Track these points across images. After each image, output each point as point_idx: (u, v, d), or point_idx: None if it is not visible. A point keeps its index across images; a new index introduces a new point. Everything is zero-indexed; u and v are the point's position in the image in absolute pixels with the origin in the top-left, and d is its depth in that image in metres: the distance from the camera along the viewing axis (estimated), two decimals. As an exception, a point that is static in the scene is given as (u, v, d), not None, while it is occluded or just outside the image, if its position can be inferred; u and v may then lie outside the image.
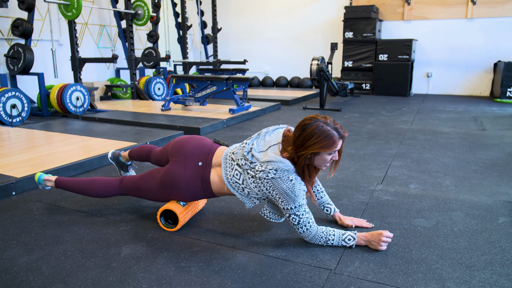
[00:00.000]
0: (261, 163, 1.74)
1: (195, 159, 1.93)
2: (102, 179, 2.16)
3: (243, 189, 1.82)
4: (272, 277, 1.55)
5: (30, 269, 1.61)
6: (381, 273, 1.58)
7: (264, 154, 1.76)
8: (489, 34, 7.73)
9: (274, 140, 1.81)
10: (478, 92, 8.07)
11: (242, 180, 1.81)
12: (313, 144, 1.67)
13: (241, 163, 1.81)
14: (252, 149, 1.80)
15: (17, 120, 4.83)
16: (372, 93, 8.22)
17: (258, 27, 9.84)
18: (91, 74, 7.20)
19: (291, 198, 1.71)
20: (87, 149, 3.31)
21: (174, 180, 1.91)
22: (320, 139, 1.66)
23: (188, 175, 1.90)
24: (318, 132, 1.66)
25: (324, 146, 1.67)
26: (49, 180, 2.22)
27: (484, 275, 1.55)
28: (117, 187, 2.11)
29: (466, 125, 4.72)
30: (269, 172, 1.71)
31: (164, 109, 5.46)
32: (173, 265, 1.64)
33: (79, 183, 2.16)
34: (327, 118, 1.72)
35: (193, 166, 1.92)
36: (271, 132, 1.88)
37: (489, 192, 2.49)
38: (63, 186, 2.20)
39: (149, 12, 7.02)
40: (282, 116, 5.51)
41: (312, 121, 1.70)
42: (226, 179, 1.85)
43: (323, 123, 1.69)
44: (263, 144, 1.82)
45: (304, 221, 1.74)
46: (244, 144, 1.88)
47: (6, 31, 5.71)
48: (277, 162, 1.71)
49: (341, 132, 1.71)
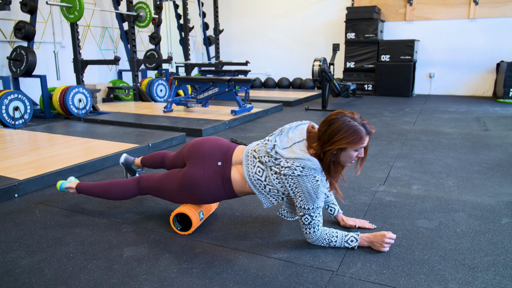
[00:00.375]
0: (287, 159, 1.71)
1: (214, 159, 1.90)
2: (119, 181, 2.15)
3: (265, 186, 1.80)
4: (274, 279, 1.55)
5: (32, 271, 1.61)
6: (384, 274, 1.57)
7: (289, 151, 1.73)
8: (491, 34, 7.71)
9: (298, 137, 1.78)
10: (481, 92, 8.04)
11: (265, 177, 1.78)
12: (339, 139, 1.64)
13: (264, 160, 1.78)
14: (275, 145, 1.77)
15: (20, 123, 4.85)
16: (374, 94, 8.21)
17: (260, 29, 9.84)
18: (93, 76, 7.22)
19: (312, 199, 1.70)
20: (89, 151, 3.31)
21: (194, 182, 1.88)
22: (347, 135, 1.64)
23: (208, 175, 1.87)
24: (345, 127, 1.64)
25: (351, 142, 1.64)
26: (70, 187, 2.25)
27: (487, 276, 1.54)
28: (135, 188, 2.09)
29: (469, 126, 4.71)
30: (296, 169, 1.68)
31: (166, 110, 5.47)
32: (175, 267, 1.64)
33: (98, 187, 2.16)
34: (354, 114, 1.69)
35: (212, 166, 1.89)
36: (294, 128, 1.84)
37: (492, 192, 2.48)
38: (83, 191, 2.21)
39: (151, 14, 7.03)
40: (284, 117, 5.51)
41: (339, 116, 1.67)
42: (248, 176, 1.83)
43: (350, 118, 1.66)
44: (286, 140, 1.79)
45: (315, 223, 1.74)
46: (266, 141, 1.85)
47: (9, 33, 5.73)
48: (304, 160, 1.68)
49: (368, 128, 1.69)
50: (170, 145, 3.83)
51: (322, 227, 1.77)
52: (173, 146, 3.83)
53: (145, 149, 3.53)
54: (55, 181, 2.73)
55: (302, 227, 1.77)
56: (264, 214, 2.18)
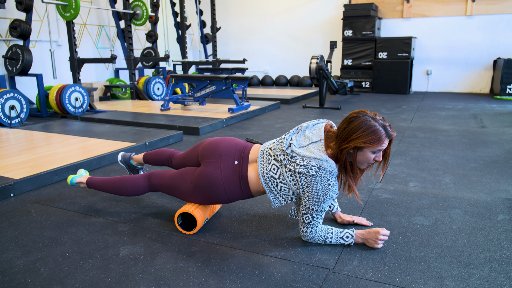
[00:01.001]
0: (303, 158, 1.69)
1: (231, 158, 1.88)
2: (128, 177, 2.12)
3: (277, 184, 1.77)
4: (270, 277, 1.55)
5: (27, 271, 1.61)
6: (380, 271, 1.57)
7: (306, 150, 1.71)
8: (488, 31, 7.71)
9: (316, 136, 1.75)
10: (478, 89, 8.06)
11: (279, 174, 1.76)
12: (357, 137, 1.62)
13: (279, 158, 1.76)
14: (291, 144, 1.75)
15: (16, 122, 4.83)
16: (372, 91, 8.21)
17: (257, 26, 9.83)
18: (90, 74, 7.19)
19: (319, 201, 1.68)
20: (86, 150, 3.30)
21: (210, 181, 1.85)
22: (366, 133, 1.61)
23: (224, 175, 1.85)
24: (364, 126, 1.62)
25: (368, 141, 1.61)
26: (81, 182, 2.23)
27: (483, 273, 1.55)
28: (146, 185, 2.06)
29: (466, 123, 4.71)
30: (311, 169, 1.66)
31: (163, 109, 5.45)
32: (171, 265, 1.64)
33: (109, 183, 2.14)
34: (376, 114, 1.67)
35: (229, 166, 1.86)
36: (311, 127, 1.81)
37: (488, 189, 2.48)
38: (94, 187, 2.19)
39: (147, 12, 7.01)
40: (282, 115, 5.51)
41: (360, 114, 1.65)
42: (262, 173, 1.80)
43: (371, 118, 1.64)
44: (303, 139, 1.77)
45: (314, 224, 1.74)
46: (281, 139, 1.83)
47: (4, 32, 5.70)
48: (322, 161, 1.66)
49: (389, 131, 1.65)
50: (167, 144, 3.82)
51: (320, 226, 1.76)
52: (171, 145, 3.82)
53: (142, 147, 3.52)
54: (51, 180, 2.72)
55: (301, 224, 1.77)
56: (261, 212, 2.17)
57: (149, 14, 7.11)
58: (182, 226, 1.95)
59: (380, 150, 1.67)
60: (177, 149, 3.60)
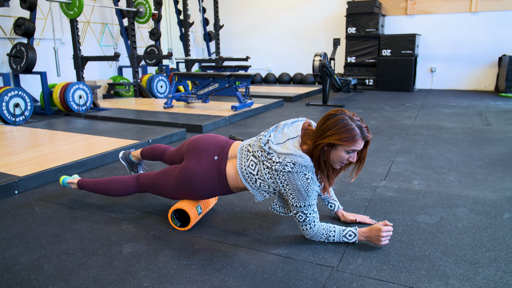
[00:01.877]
0: (279, 155, 1.70)
1: (211, 153, 1.91)
2: (119, 178, 2.16)
3: (256, 180, 1.80)
4: (273, 275, 1.54)
5: (31, 267, 1.61)
6: (384, 270, 1.56)
7: (282, 146, 1.73)
8: (493, 28, 7.65)
9: (293, 133, 1.77)
10: (483, 86, 8.00)
11: (257, 171, 1.78)
12: (332, 134, 1.63)
13: (257, 155, 1.78)
14: (269, 141, 1.76)
15: (20, 119, 4.84)
16: (376, 89, 8.18)
17: (260, 24, 9.80)
18: (94, 72, 7.20)
19: (303, 197, 1.68)
20: (89, 147, 3.31)
21: (190, 176, 1.89)
22: (341, 131, 1.62)
23: (203, 169, 1.88)
24: (340, 124, 1.62)
25: (342, 139, 1.61)
26: (72, 183, 2.28)
27: (489, 272, 1.53)
28: (134, 186, 2.10)
29: (471, 120, 4.68)
30: (286, 165, 1.67)
31: (166, 106, 5.45)
32: (174, 263, 1.64)
33: (99, 183, 2.18)
34: (354, 115, 1.67)
35: (208, 161, 1.89)
36: (289, 125, 1.84)
37: (493, 187, 2.46)
38: (85, 187, 2.23)
39: (150, 10, 7.00)
40: (285, 113, 5.49)
41: (338, 113, 1.66)
42: (240, 169, 1.83)
43: (348, 118, 1.64)
44: (281, 136, 1.79)
45: (310, 220, 1.73)
46: (260, 136, 1.85)
47: (9, 30, 5.71)
48: (296, 156, 1.67)
49: (365, 133, 1.65)
50: (170, 141, 3.82)
51: (319, 223, 1.76)
52: (173, 142, 3.82)
53: (145, 145, 3.52)
54: (55, 178, 2.72)
55: (298, 224, 1.77)
56: (264, 210, 2.17)
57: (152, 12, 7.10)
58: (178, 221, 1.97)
59: (354, 151, 1.66)
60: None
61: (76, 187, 2.27)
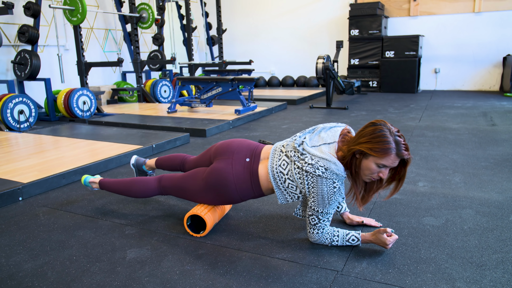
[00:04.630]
0: (312, 156, 1.67)
1: (242, 155, 1.89)
2: (140, 179, 2.13)
3: (285, 180, 1.76)
4: (278, 280, 1.53)
5: (35, 274, 1.61)
6: (389, 273, 1.55)
7: (318, 149, 1.70)
8: (497, 28, 7.61)
9: (330, 138, 1.74)
10: (488, 87, 7.96)
11: (288, 170, 1.75)
12: (365, 142, 1.58)
13: (290, 155, 1.75)
14: (304, 142, 1.74)
15: (25, 126, 4.87)
16: (379, 91, 8.15)
17: (263, 27, 9.82)
18: (98, 78, 7.24)
19: (324, 203, 1.67)
20: (93, 153, 3.32)
21: (221, 177, 1.85)
22: (374, 141, 1.56)
23: (235, 171, 1.85)
24: (376, 133, 1.57)
25: (373, 149, 1.56)
26: (94, 182, 2.27)
27: (496, 274, 1.51)
28: (156, 187, 2.07)
29: (476, 121, 4.65)
30: (318, 169, 1.64)
31: (170, 111, 5.46)
32: (178, 268, 1.63)
33: (120, 184, 2.16)
34: (398, 131, 1.60)
35: (240, 162, 1.87)
36: (327, 129, 1.80)
37: (499, 188, 2.43)
38: (106, 187, 2.22)
39: (153, 15, 7.03)
40: (289, 116, 5.48)
41: (378, 123, 1.61)
42: (271, 168, 1.80)
43: (387, 130, 1.58)
44: (317, 139, 1.76)
45: (320, 226, 1.72)
46: (295, 137, 1.82)
47: (13, 37, 5.76)
48: (330, 162, 1.64)
49: (401, 149, 1.56)
50: (174, 146, 3.82)
51: (327, 228, 1.74)
52: (177, 147, 3.82)
53: (149, 150, 3.53)
54: (59, 184, 2.73)
55: (308, 226, 1.76)
56: (268, 214, 2.16)
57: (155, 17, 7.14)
58: (191, 228, 1.94)
59: (386, 167, 1.60)
60: (184, 152, 3.60)
61: (98, 186, 2.25)
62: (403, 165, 1.65)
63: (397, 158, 1.58)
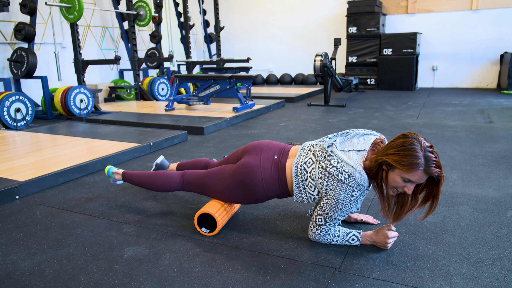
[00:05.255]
0: (339, 160, 1.64)
1: (271, 152, 1.89)
2: (164, 173, 2.14)
3: (307, 178, 1.75)
4: (275, 277, 1.53)
5: (32, 273, 1.61)
6: (387, 270, 1.55)
7: (346, 155, 1.67)
8: (495, 25, 7.62)
9: (361, 146, 1.69)
10: (485, 84, 7.97)
11: (312, 169, 1.74)
12: (392, 153, 1.53)
13: (317, 154, 1.74)
14: (333, 144, 1.72)
15: (22, 124, 4.85)
16: (377, 88, 8.16)
17: (261, 25, 9.80)
18: (95, 76, 7.21)
19: (336, 208, 1.65)
20: (91, 151, 3.31)
21: (249, 171, 1.84)
22: (402, 154, 1.50)
23: (263, 165, 1.84)
24: (406, 146, 1.51)
25: (400, 162, 1.50)
26: (117, 173, 2.31)
27: (493, 271, 1.52)
28: (178, 182, 2.07)
29: (473, 118, 4.66)
30: (341, 173, 1.62)
31: (168, 109, 5.45)
32: (175, 266, 1.63)
33: (143, 177, 2.17)
34: (431, 147, 1.53)
35: (269, 158, 1.87)
36: (360, 135, 1.76)
37: (496, 185, 2.44)
38: (128, 179, 2.24)
39: (151, 13, 7.01)
40: (287, 113, 5.48)
41: (410, 136, 1.54)
42: (296, 164, 1.79)
43: (417, 143, 1.51)
44: (348, 144, 1.73)
45: (325, 228, 1.71)
46: (326, 137, 1.81)
47: (9, 35, 5.73)
48: (355, 170, 1.60)
49: (430, 166, 1.47)
50: (171, 144, 3.81)
51: (330, 231, 1.73)
52: (175, 145, 3.82)
53: (146, 148, 3.52)
54: (56, 182, 2.72)
55: (312, 223, 1.75)
56: (266, 212, 2.16)
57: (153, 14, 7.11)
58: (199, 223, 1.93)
59: (412, 182, 1.53)
60: (181, 149, 3.60)
61: (120, 178, 2.29)
62: (435, 183, 1.56)
63: (425, 175, 1.50)
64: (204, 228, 1.93)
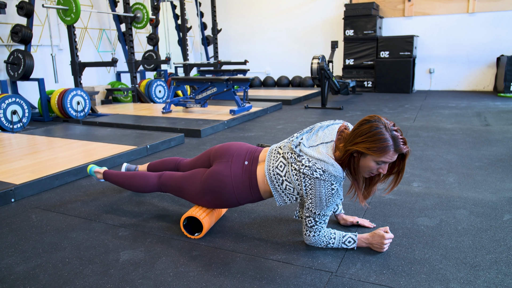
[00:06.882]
0: (309, 158, 1.64)
1: (241, 158, 1.87)
2: (142, 173, 2.14)
3: (282, 182, 1.74)
4: (272, 281, 1.52)
5: (27, 277, 1.59)
6: (384, 274, 1.54)
7: (315, 150, 1.67)
8: (491, 28, 7.66)
9: (327, 137, 1.71)
10: (481, 87, 8.00)
11: (285, 172, 1.73)
12: (361, 142, 1.55)
13: (287, 156, 1.73)
14: (301, 143, 1.71)
15: (18, 126, 4.83)
16: (374, 91, 8.17)
17: (258, 27, 9.81)
18: (92, 78, 7.20)
19: (321, 205, 1.65)
20: (87, 154, 3.29)
21: (219, 180, 1.83)
22: (370, 140, 1.54)
23: (234, 174, 1.83)
24: (372, 132, 1.54)
25: (371, 149, 1.54)
26: (98, 172, 2.35)
27: (489, 275, 1.52)
28: (155, 183, 2.07)
29: (470, 121, 4.67)
30: (316, 171, 1.62)
31: (165, 111, 5.44)
32: (171, 270, 1.62)
33: (122, 177, 2.20)
34: (393, 124, 1.58)
35: (239, 165, 1.85)
36: (325, 127, 1.77)
37: (493, 188, 2.44)
38: (109, 179, 2.28)
39: (148, 15, 7.01)
40: (284, 116, 5.48)
41: (373, 119, 1.58)
42: (268, 170, 1.78)
43: (383, 126, 1.55)
44: (314, 139, 1.73)
45: (317, 228, 1.71)
46: (292, 137, 1.80)
47: (6, 37, 5.71)
48: (328, 164, 1.61)
49: (399, 144, 1.54)
50: (168, 146, 3.80)
51: (324, 231, 1.73)
52: (172, 148, 3.81)
53: (143, 150, 3.51)
54: (52, 185, 2.71)
55: (304, 228, 1.74)
56: (263, 215, 2.15)
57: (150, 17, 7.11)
58: (186, 229, 1.93)
59: (385, 162, 1.58)
60: (178, 152, 3.59)
61: (102, 177, 2.32)
62: (402, 158, 1.63)
63: (396, 153, 1.56)
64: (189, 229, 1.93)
